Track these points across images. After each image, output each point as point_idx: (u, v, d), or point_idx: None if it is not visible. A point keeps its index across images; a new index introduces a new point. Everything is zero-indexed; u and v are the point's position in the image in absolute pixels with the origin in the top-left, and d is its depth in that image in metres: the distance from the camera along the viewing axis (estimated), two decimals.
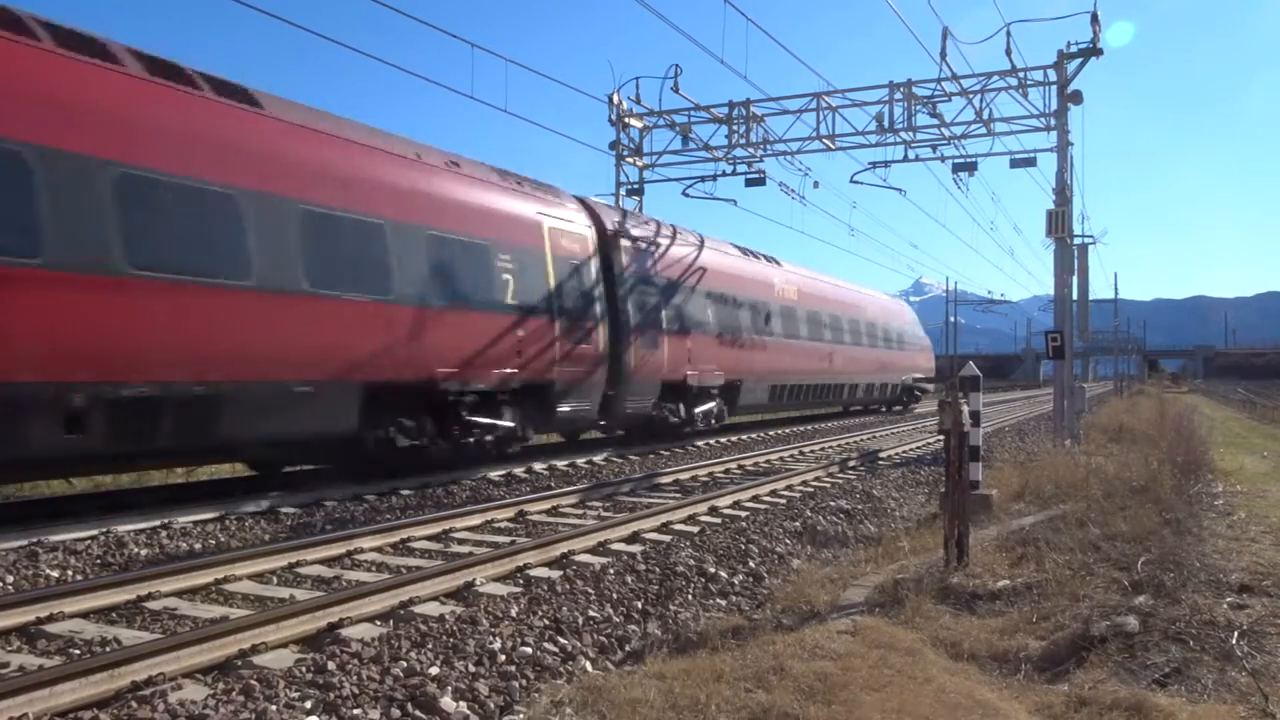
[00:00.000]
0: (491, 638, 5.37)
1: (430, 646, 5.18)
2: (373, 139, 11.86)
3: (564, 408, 14.70)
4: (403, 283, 11.49)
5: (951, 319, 75.47)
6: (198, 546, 8.09)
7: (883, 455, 16.60)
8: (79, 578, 6.81)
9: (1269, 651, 5.22)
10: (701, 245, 20.09)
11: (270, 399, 9.92)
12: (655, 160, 23.47)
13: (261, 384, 9.78)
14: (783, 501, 10.95)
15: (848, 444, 19.02)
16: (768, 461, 15.35)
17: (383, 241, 11.33)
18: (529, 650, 5.29)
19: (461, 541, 8.34)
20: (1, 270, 7.71)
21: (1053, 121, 19.17)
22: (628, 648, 5.76)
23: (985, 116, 20.41)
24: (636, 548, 8.02)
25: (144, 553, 7.75)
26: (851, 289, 30.11)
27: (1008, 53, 18.55)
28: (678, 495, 11.21)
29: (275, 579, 6.84)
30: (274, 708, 4.22)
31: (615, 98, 22.08)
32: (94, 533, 8.13)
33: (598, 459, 15.13)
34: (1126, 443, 17.16)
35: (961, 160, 21.27)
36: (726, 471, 13.81)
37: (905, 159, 21.82)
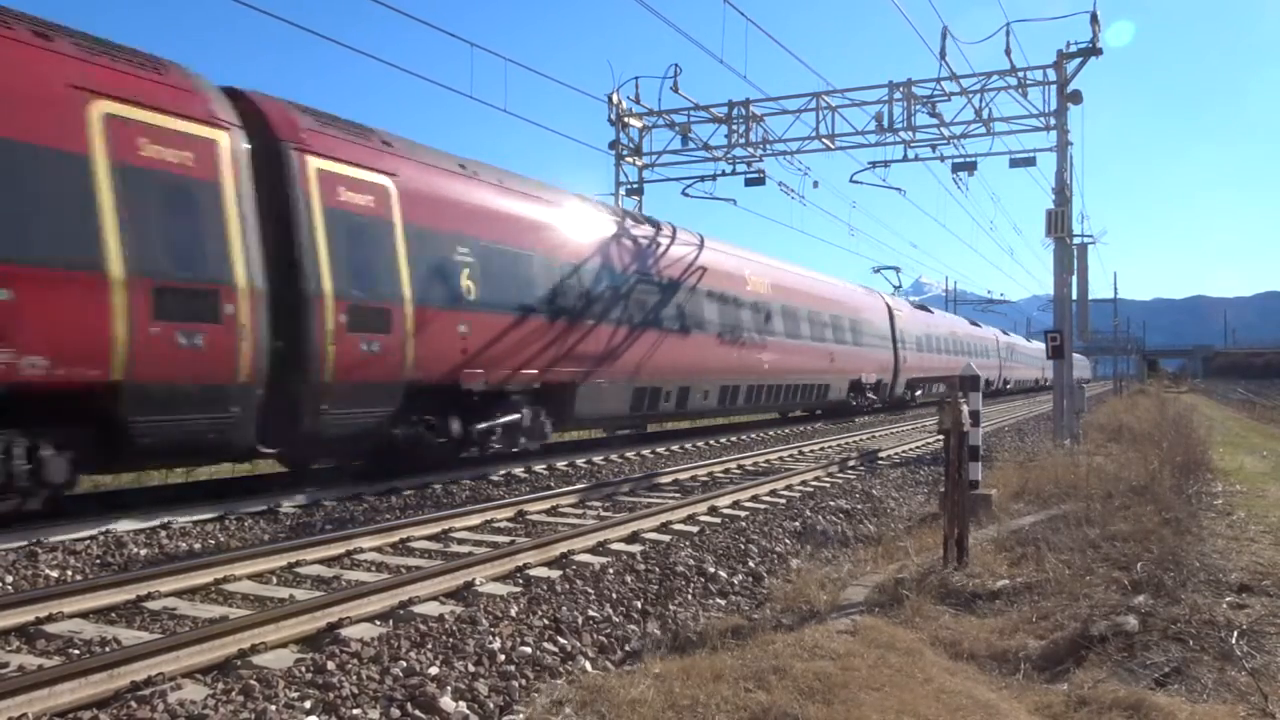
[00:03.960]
0: (491, 638, 5.37)
1: (430, 646, 5.18)
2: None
3: None
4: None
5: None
6: (197, 546, 8.09)
7: (882, 455, 16.59)
8: (78, 578, 6.80)
9: (1268, 651, 5.22)
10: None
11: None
12: (655, 160, 23.49)
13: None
14: (782, 501, 10.95)
15: (847, 444, 19.02)
16: (767, 461, 15.34)
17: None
18: (528, 650, 5.29)
19: (461, 541, 8.34)
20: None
21: (1052, 121, 19.18)
22: (627, 647, 5.76)
23: (985, 116, 20.42)
24: (636, 547, 8.02)
25: (143, 553, 7.74)
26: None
27: (1007, 52, 18.56)
28: (677, 495, 11.21)
29: (275, 579, 6.83)
30: (273, 708, 4.22)
31: (615, 97, 22.08)
32: (93, 533, 8.12)
33: (597, 459, 15.12)
34: (1126, 442, 17.15)
35: (961, 160, 21.30)
36: (726, 471, 13.81)
37: (905, 159, 21.85)
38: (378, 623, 5.65)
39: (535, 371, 13.61)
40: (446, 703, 4.46)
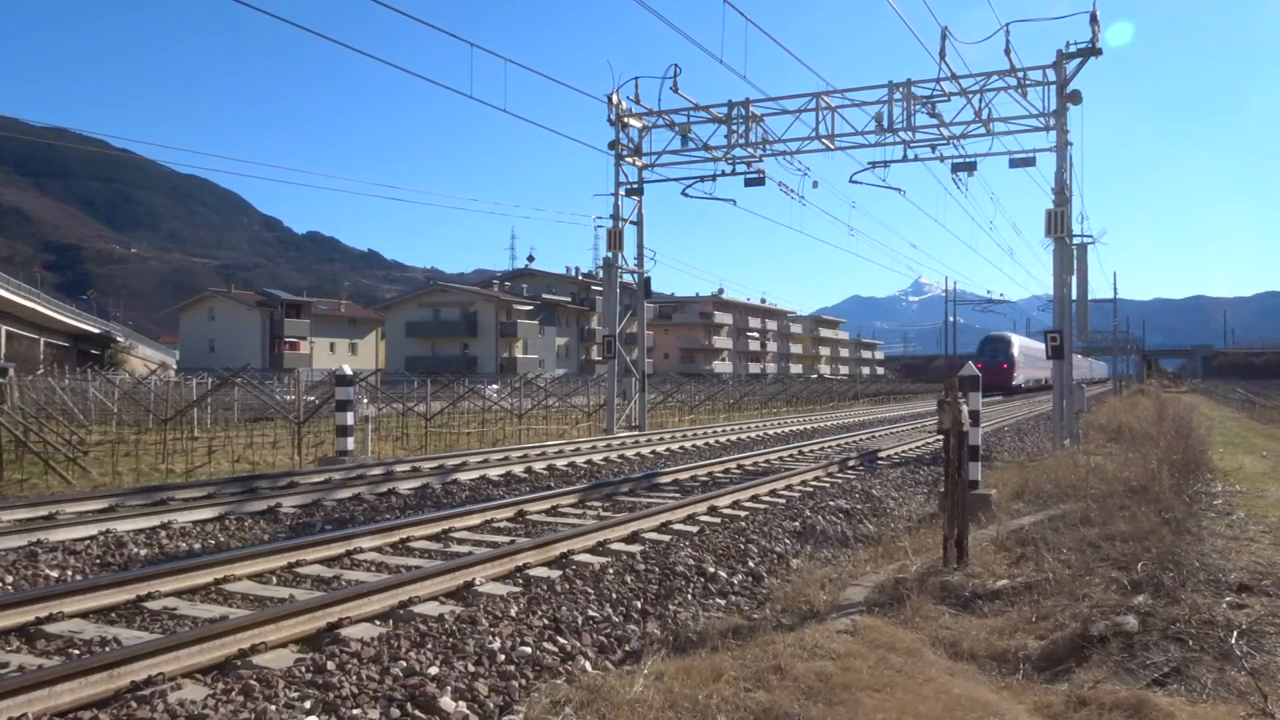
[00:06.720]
0: (491, 637, 5.37)
1: (430, 646, 5.18)
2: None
3: None
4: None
5: (951, 319, 75.57)
6: (197, 546, 8.09)
7: (882, 455, 16.60)
8: (78, 578, 6.81)
9: (1268, 651, 5.22)
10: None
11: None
12: (655, 160, 23.49)
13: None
14: (782, 501, 10.95)
15: (847, 444, 19.02)
16: (767, 461, 15.35)
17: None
18: (528, 650, 5.29)
19: (461, 541, 8.34)
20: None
21: (1052, 121, 19.17)
22: (627, 647, 5.76)
23: (984, 116, 20.41)
24: (636, 547, 8.02)
25: (143, 553, 7.75)
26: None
27: (1007, 53, 18.55)
28: (677, 495, 11.21)
29: (275, 579, 6.83)
30: (273, 708, 4.22)
31: (614, 98, 22.09)
32: (93, 533, 8.13)
33: (597, 459, 15.14)
34: (1126, 442, 17.15)
35: (961, 160, 21.29)
36: (726, 471, 13.81)
37: (904, 159, 21.83)
38: (378, 623, 5.65)
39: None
40: (446, 703, 4.46)
